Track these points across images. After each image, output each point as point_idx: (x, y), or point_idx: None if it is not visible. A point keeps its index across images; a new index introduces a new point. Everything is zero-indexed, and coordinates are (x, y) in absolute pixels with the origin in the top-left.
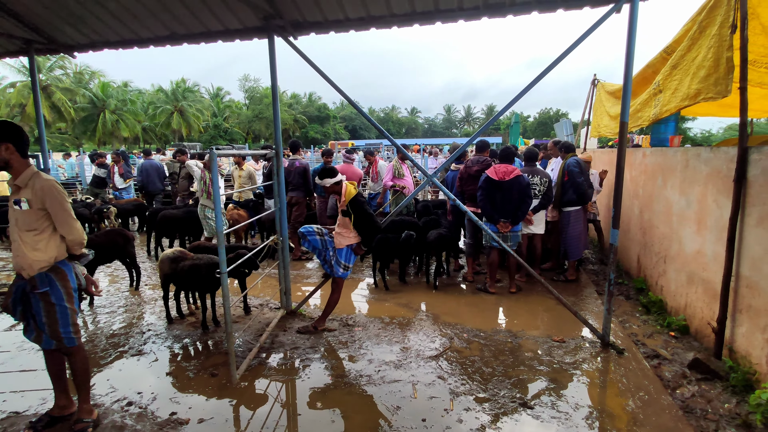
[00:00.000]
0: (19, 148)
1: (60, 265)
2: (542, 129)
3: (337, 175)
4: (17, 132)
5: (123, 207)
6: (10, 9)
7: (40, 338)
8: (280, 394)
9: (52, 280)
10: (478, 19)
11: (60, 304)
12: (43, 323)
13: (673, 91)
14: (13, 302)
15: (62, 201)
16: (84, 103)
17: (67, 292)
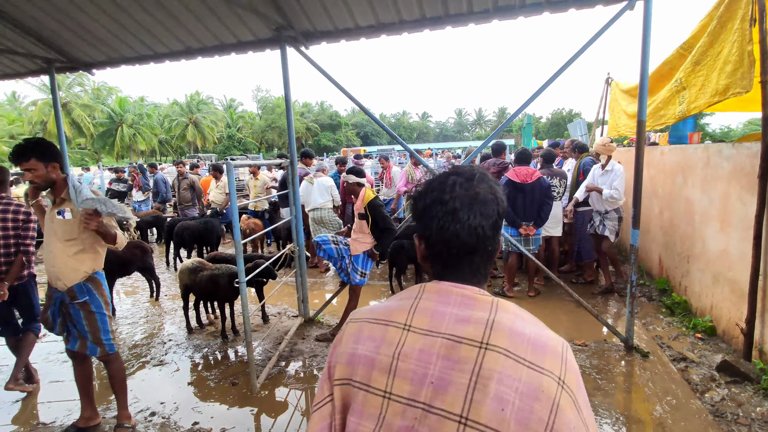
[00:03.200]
0: (61, 165)
1: (96, 275)
2: (555, 130)
3: (363, 176)
4: (58, 150)
5: (142, 219)
6: (31, 29)
7: (84, 346)
8: (300, 403)
9: (90, 289)
10: (489, 22)
11: (99, 312)
12: (86, 331)
13: (700, 87)
14: (52, 314)
15: None
16: (102, 119)
17: (104, 300)
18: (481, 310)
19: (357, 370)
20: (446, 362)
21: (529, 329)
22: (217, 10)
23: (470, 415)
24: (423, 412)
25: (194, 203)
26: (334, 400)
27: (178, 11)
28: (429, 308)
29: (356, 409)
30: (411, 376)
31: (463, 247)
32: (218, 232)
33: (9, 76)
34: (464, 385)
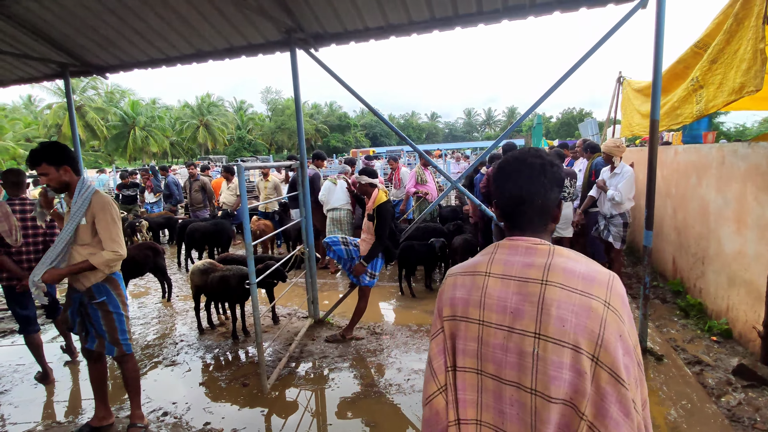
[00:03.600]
0: (74, 167)
1: (113, 275)
2: (566, 129)
3: (375, 177)
4: (71, 153)
5: (154, 220)
6: (46, 34)
7: (102, 345)
8: (310, 404)
9: (107, 289)
10: (498, 22)
11: (117, 312)
12: (103, 330)
13: (718, 86)
14: (72, 314)
15: (112, 218)
16: (115, 121)
17: (122, 300)
18: (540, 257)
19: (458, 309)
20: (518, 297)
21: (579, 267)
22: (227, 13)
23: (541, 331)
24: (508, 332)
25: (205, 205)
26: (444, 330)
27: (190, 15)
28: (502, 259)
29: (461, 335)
30: (495, 308)
31: (515, 200)
32: (229, 233)
33: (25, 80)
34: (534, 312)
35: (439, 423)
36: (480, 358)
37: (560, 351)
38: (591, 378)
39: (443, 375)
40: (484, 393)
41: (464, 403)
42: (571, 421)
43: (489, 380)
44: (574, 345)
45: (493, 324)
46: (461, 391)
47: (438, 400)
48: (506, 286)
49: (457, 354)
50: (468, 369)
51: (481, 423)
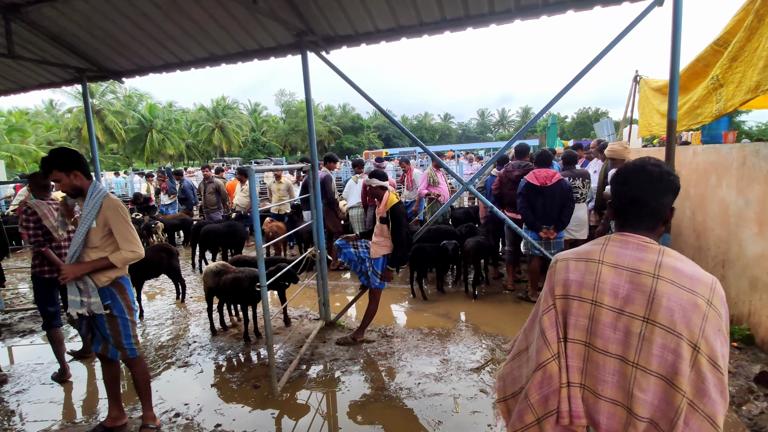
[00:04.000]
0: (84, 172)
1: (120, 280)
2: (581, 129)
3: (386, 180)
4: (80, 158)
5: (169, 222)
6: (65, 40)
7: (106, 349)
8: (321, 407)
9: (113, 294)
10: (511, 22)
11: (122, 317)
12: (108, 335)
13: (737, 84)
14: (79, 316)
15: (124, 219)
16: (133, 124)
17: (127, 305)
18: (651, 254)
19: (570, 289)
20: (630, 285)
21: (687, 268)
22: (239, 17)
23: (650, 317)
24: (618, 314)
25: (219, 206)
26: (556, 307)
27: (203, 20)
28: (614, 251)
29: (573, 312)
30: (608, 292)
31: (631, 201)
32: (242, 235)
33: (45, 85)
34: (644, 300)
35: (552, 384)
36: (589, 333)
37: (665, 335)
38: (690, 362)
39: (555, 345)
40: (589, 362)
41: (572, 369)
42: (672, 397)
43: (595, 352)
44: (679, 333)
45: (604, 305)
46: (570, 359)
47: (552, 366)
48: (619, 275)
49: (569, 328)
50: (577, 341)
51: (584, 387)
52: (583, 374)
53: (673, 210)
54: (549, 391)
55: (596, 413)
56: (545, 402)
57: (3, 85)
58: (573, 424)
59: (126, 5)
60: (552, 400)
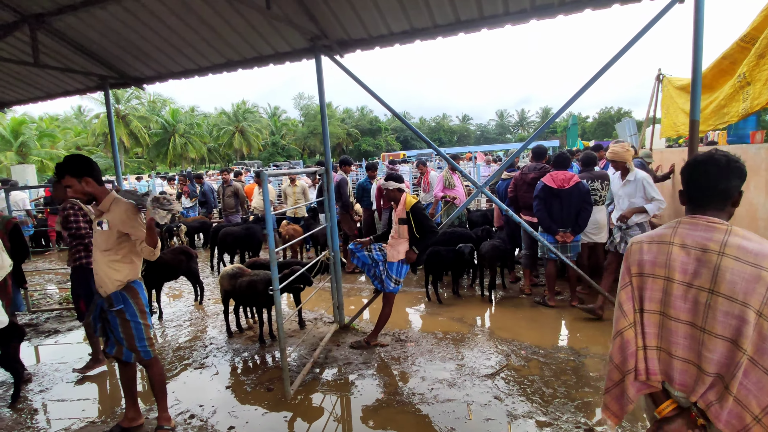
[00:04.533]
0: (96, 178)
1: (133, 284)
2: (603, 130)
3: (402, 182)
4: (91, 165)
5: (189, 225)
6: (88, 49)
7: (120, 351)
8: (333, 411)
9: (126, 298)
10: (526, 22)
11: (134, 320)
12: (121, 338)
13: (765, 82)
14: (94, 319)
15: (138, 219)
16: (157, 129)
17: (140, 308)
18: (718, 234)
19: (645, 268)
20: (698, 262)
21: (752, 245)
22: (255, 23)
23: (715, 288)
24: (687, 287)
25: (238, 209)
26: (632, 284)
27: (220, 26)
28: (684, 232)
29: (648, 287)
30: (678, 269)
31: (701, 186)
32: (259, 238)
33: (69, 92)
34: (710, 274)
35: (629, 347)
36: (663, 304)
37: (729, 304)
38: (754, 326)
39: (632, 315)
40: (663, 329)
41: (648, 335)
42: (734, 354)
43: (668, 320)
44: (743, 302)
45: (675, 280)
46: (646, 327)
47: (629, 332)
48: (687, 254)
49: (644, 300)
50: (652, 311)
51: (660, 349)
52: (659, 339)
53: (741, 193)
54: (627, 353)
55: (671, 370)
56: (624, 362)
57: (30, 93)
58: (649, 379)
59: (145, 13)
60: (630, 360)
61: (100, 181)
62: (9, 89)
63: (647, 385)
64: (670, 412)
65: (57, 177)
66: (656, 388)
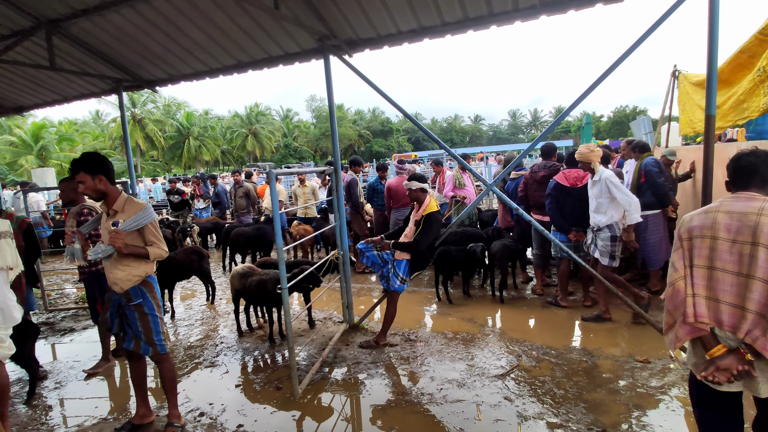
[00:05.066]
0: (109, 177)
1: (149, 278)
2: (618, 129)
3: (425, 182)
4: (106, 163)
5: (203, 225)
6: (102, 52)
7: (138, 346)
8: (341, 410)
9: (144, 292)
10: (536, 18)
11: (152, 314)
12: (139, 332)
13: None
14: (111, 315)
15: (155, 227)
16: (172, 132)
17: (156, 303)
18: (757, 202)
19: (694, 232)
20: (740, 223)
21: None
22: (264, 24)
23: (754, 241)
24: (731, 243)
25: (249, 210)
26: (683, 246)
27: (229, 28)
28: (728, 204)
29: (697, 246)
30: (722, 229)
31: (746, 171)
32: (270, 238)
33: (85, 96)
34: (750, 231)
35: (680, 295)
36: (710, 259)
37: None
38: None
39: (683, 270)
40: (711, 280)
41: (697, 285)
42: None
43: (716, 272)
44: None
45: (720, 238)
46: (695, 279)
47: (680, 283)
48: (731, 218)
49: (694, 258)
50: (701, 266)
51: (708, 298)
52: (707, 289)
53: None
54: (677, 300)
55: (719, 315)
56: (676, 308)
57: (47, 96)
58: (696, 321)
59: (157, 16)
60: (680, 306)
61: (113, 181)
62: (27, 93)
63: (695, 328)
64: (721, 354)
65: (71, 173)
66: (704, 331)
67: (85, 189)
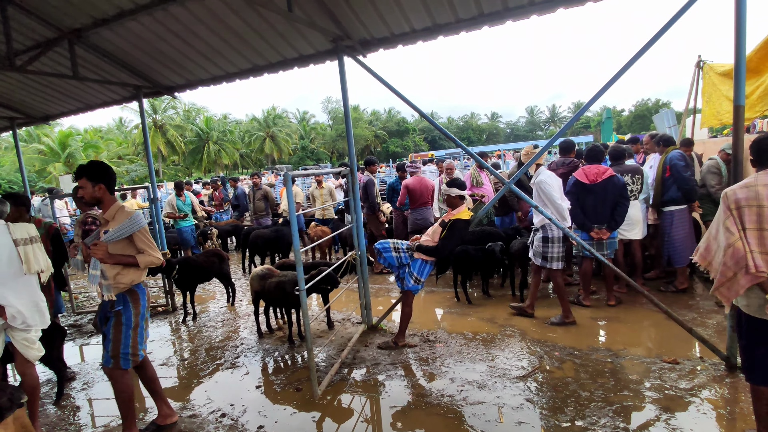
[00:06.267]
0: (109, 186)
1: (136, 287)
2: (639, 122)
3: (464, 189)
4: (108, 173)
5: (222, 228)
6: (122, 60)
7: (103, 355)
8: (360, 412)
9: (126, 300)
10: (553, 11)
11: (127, 325)
12: (108, 340)
13: None
14: (100, 320)
15: (145, 236)
16: (192, 137)
17: (137, 313)
18: None
19: (741, 203)
20: None
21: None
22: (278, 27)
23: None
24: None
25: (267, 212)
26: (733, 215)
27: (245, 32)
28: (762, 178)
29: (745, 213)
30: (766, 198)
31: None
32: (288, 240)
33: (107, 103)
34: None
35: (740, 252)
36: (759, 222)
37: None
38: None
39: (737, 232)
40: (762, 238)
41: (752, 244)
42: None
43: (764, 232)
44: None
45: (765, 206)
46: (749, 239)
47: (738, 243)
48: None
49: (745, 223)
50: (752, 229)
51: (761, 252)
52: (760, 246)
53: None
54: (738, 257)
55: None
56: (737, 263)
57: (72, 105)
58: (757, 272)
59: (175, 23)
60: (741, 261)
61: (112, 190)
62: (53, 102)
63: (756, 276)
64: None
65: (76, 177)
66: (762, 278)
67: (83, 193)
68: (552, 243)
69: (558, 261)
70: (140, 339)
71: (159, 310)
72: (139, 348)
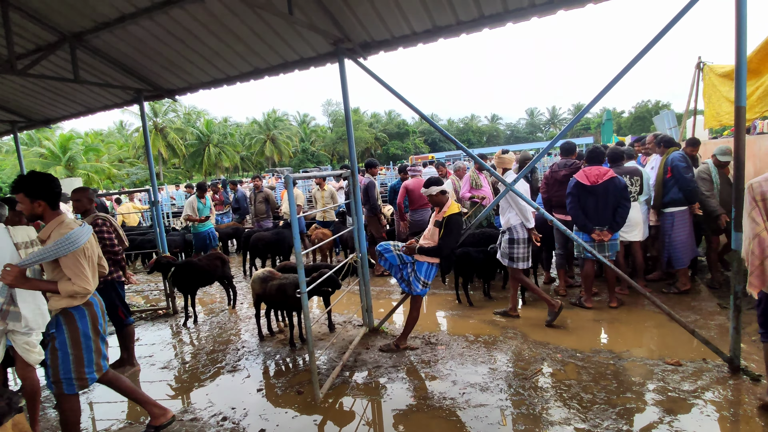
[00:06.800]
0: (50, 202)
1: (72, 309)
2: (640, 124)
3: (442, 184)
4: (50, 188)
5: (223, 231)
6: (123, 64)
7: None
8: (362, 415)
9: (60, 323)
10: (553, 13)
11: (62, 350)
12: (47, 365)
13: None
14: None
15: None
16: (192, 140)
17: (73, 337)
18: None
19: (766, 195)
20: None
21: None
22: (280, 30)
23: None
24: None
25: (269, 215)
26: (759, 206)
27: (246, 35)
28: None
29: None
30: None
31: None
32: (289, 242)
33: (108, 107)
34: None
35: (766, 242)
36: None
37: None
38: None
39: (763, 223)
40: None
41: None
42: None
43: None
44: None
45: None
46: None
47: (764, 233)
48: None
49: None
50: None
51: None
52: None
53: None
54: (764, 246)
55: None
56: (763, 252)
57: (73, 108)
58: None
59: (175, 27)
60: (766, 250)
61: (54, 206)
62: (54, 106)
63: None
64: None
65: (12, 191)
66: None
67: (22, 209)
68: (518, 244)
69: (523, 261)
70: (88, 360)
71: (160, 313)
72: (86, 371)
